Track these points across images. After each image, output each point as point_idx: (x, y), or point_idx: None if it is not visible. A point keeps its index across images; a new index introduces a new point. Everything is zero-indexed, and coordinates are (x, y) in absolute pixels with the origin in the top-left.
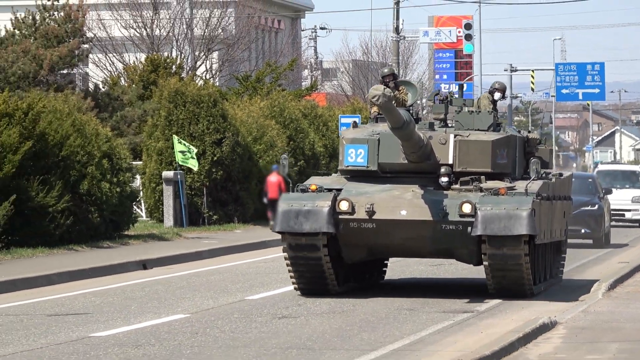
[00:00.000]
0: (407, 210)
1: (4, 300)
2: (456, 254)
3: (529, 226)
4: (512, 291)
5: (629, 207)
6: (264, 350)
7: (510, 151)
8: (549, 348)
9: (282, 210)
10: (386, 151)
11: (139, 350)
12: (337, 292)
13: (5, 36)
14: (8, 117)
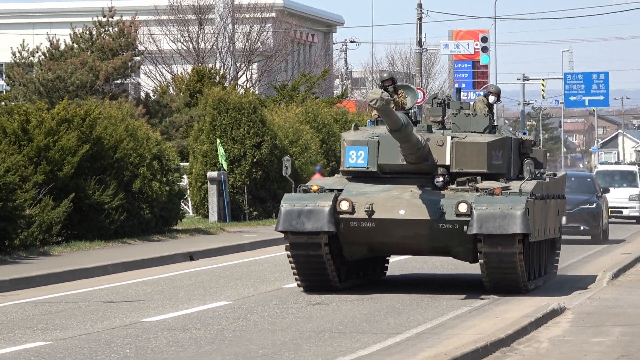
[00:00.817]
0: (406, 210)
1: (64, 288)
2: (453, 252)
3: (523, 225)
4: (507, 287)
5: (627, 204)
6: (299, 333)
7: (505, 152)
8: (558, 331)
9: (284, 210)
10: (385, 153)
11: (186, 334)
12: (339, 289)
13: (65, 49)
14: (67, 123)
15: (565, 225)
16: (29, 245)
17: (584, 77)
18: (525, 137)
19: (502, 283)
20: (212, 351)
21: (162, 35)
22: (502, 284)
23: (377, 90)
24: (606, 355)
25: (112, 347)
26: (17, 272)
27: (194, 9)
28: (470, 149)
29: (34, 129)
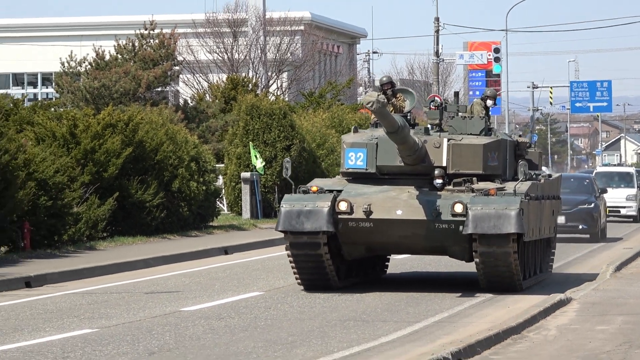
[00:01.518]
0: (403, 210)
1: (109, 280)
2: (449, 251)
3: (517, 225)
4: (502, 286)
5: (624, 204)
6: (326, 322)
7: (501, 154)
8: (565, 320)
9: (284, 210)
10: (384, 154)
11: (221, 322)
12: (339, 287)
13: (110, 60)
14: (112, 127)
15: (564, 224)
16: (76, 241)
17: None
18: (520, 139)
19: (497, 281)
20: (245, 338)
21: (199, 46)
22: (497, 283)
23: (373, 93)
24: (609, 342)
25: (153, 334)
26: (65, 265)
27: (228, 22)
28: (467, 151)
29: (81, 133)
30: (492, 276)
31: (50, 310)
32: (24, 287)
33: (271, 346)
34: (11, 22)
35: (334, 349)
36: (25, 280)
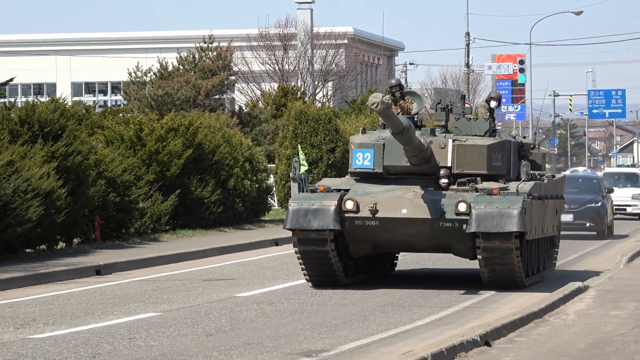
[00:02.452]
0: (408, 209)
1: (170, 268)
2: (453, 249)
3: (519, 224)
4: (504, 283)
5: (630, 202)
6: (367, 307)
7: (505, 154)
8: (582, 306)
9: (292, 209)
10: (390, 155)
11: (272, 306)
12: (346, 284)
13: (172, 70)
14: (174, 131)
15: (572, 222)
16: (142, 233)
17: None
18: (524, 141)
19: (500, 279)
20: (294, 321)
21: (253, 58)
22: (500, 280)
23: (377, 94)
24: (623, 326)
25: (211, 318)
26: (132, 255)
27: (279, 36)
28: (471, 151)
29: (147, 136)
30: (495, 273)
31: (118, 295)
32: (95, 275)
33: (317, 328)
34: (84, 36)
35: (373, 332)
36: (95, 268)
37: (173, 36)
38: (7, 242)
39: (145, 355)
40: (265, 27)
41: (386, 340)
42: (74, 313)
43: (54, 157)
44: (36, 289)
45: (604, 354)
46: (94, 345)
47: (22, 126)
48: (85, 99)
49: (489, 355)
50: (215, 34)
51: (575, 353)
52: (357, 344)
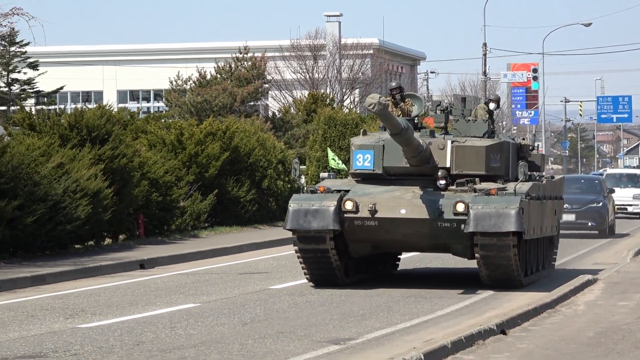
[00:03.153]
0: (407, 209)
1: (209, 263)
2: (452, 249)
3: (516, 224)
4: (503, 282)
5: (631, 202)
6: (391, 298)
7: (503, 156)
8: (592, 297)
9: (292, 209)
10: (390, 156)
11: (303, 298)
12: (346, 283)
13: (210, 79)
14: (212, 135)
15: (574, 221)
16: (182, 230)
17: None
18: (523, 142)
19: (498, 278)
20: (323, 311)
21: (285, 67)
22: (498, 279)
23: (375, 95)
24: (629, 315)
25: (246, 308)
26: (173, 251)
27: (309, 47)
28: (470, 152)
29: (187, 140)
30: (493, 273)
31: (160, 288)
32: (139, 269)
33: (345, 318)
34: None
35: (397, 321)
36: (139, 262)
37: (211, 47)
38: (58, 239)
39: (186, 343)
40: (296, 39)
41: (409, 329)
42: (119, 304)
43: (101, 160)
44: (85, 281)
45: (611, 341)
46: (138, 334)
47: (71, 131)
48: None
49: (505, 343)
50: (250, 45)
51: (585, 340)
52: (383, 333)
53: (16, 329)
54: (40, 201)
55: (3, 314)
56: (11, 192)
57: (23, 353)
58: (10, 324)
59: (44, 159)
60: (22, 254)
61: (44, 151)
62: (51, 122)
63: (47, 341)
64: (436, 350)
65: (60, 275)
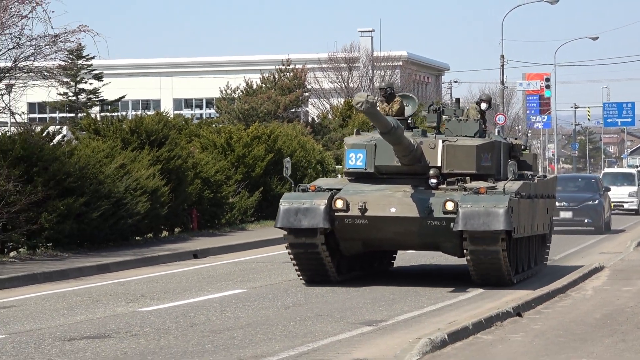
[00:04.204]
0: (397, 208)
1: (255, 253)
2: (442, 247)
3: (505, 222)
4: (492, 280)
5: (627, 199)
6: (419, 284)
7: (495, 155)
8: (598, 283)
9: (282, 208)
10: (382, 155)
11: (338, 284)
12: (338, 281)
13: (256, 88)
14: (258, 139)
15: (572, 219)
16: (231, 223)
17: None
18: (515, 142)
19: (488, 276)
20: (357, 296)
21: (323, 77)
22: (488, 277)
23: (362, 93)
24: (632, 299)
25: (288, 293)
26: (223, 242)
27: (345, 59)
28: (461, 152)
29: (235, 143)
30: (483, 271)
31: (211, 275)
32: (192, 258)
33: (377, 302)
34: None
35: (424, 305)
36: (193, 253)
37: (257, 60)
38: (120, 231)
39: (234, 324)
40: (333, 52)
41: (435, 312)
42: (175, 290)
43: (158, 161)
44: (144, 270)
45: (616, 322)
46: (191, 317)
47: (132, 135)
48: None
49: (521, 324)
50: (292, 58)
51: (593, 322)
52: (411, 315)
53: (83, 312)
54: (105, 198)
55: (71, 299)
56: (79, 190)
57: (89, 334)
58: (78, 308)
59: (108, 160)
60: (88, 245)
61: (107, 153)
62: (114, 127)
63: (110, 323)
64: (459, 330)
65: (122, 264)
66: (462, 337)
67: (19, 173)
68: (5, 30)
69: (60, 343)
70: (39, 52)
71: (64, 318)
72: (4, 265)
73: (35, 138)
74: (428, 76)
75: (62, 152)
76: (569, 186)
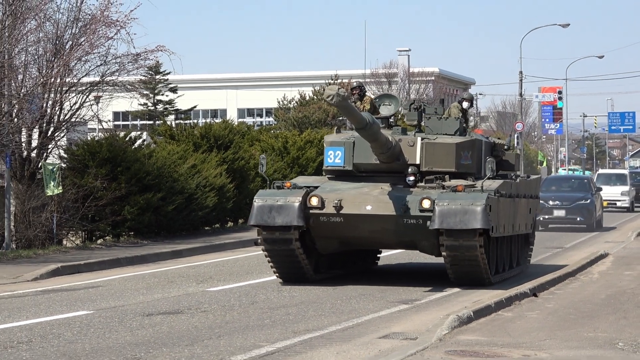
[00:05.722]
0: (372, 206)
1: None
2: (419, 246)
3: (482, 221)
4: (470, 280)
5: (619, 198)
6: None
7: (475, 153)
8: (603, 268)
9: (256, 205)
10: (360, 153)
11: (378, 268)
12: (315, 280)
13: (308, 100)
14: (310, 143)
15: (564, 217)
16: None
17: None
18: (497, 141)
19: (465, 276)
20: (394, 279)
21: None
22: (465, 277)
23: (333, 86)
24: (633, 282)
25: (337, 275)
26: None
27: (385, 74)
28: (440, 149)
29: (290, 146)
30: (460, 270)
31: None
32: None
33: (412, 284)
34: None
35: (454, 285)
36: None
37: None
38: (192, 222)
39: (289, 302)
40: (375, 68)
41: (462, 292)
42: (238, 272)
43: (224, 162)
44: (212, 255)
45: (619, 302)
46: (252, 295)
47: (202, 140)
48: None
49: (536, 303)
50: (339, 73)
51: (599, 301)
52: (441, 295)
53: (159, 292)
54: (178, 193)
55: (150, 280)
56: (156, 186)
57: (165, 310)
58: (155, 288)
59: (181, 161)
60: (164, 234)
61: (181, 155)
62: (187, 133)
63: (183, 301)
64: (482, 308)
65: (193, 250)
66: (486, 314)
67: (105, 172)
68: (94, 50)
69: (140, 318)
70: (122, 68)
71: (143, 296)
72: (92, 251)
73: (119, 142)
74: (457, 89)
75: (142, 154)
76: (563, 186)
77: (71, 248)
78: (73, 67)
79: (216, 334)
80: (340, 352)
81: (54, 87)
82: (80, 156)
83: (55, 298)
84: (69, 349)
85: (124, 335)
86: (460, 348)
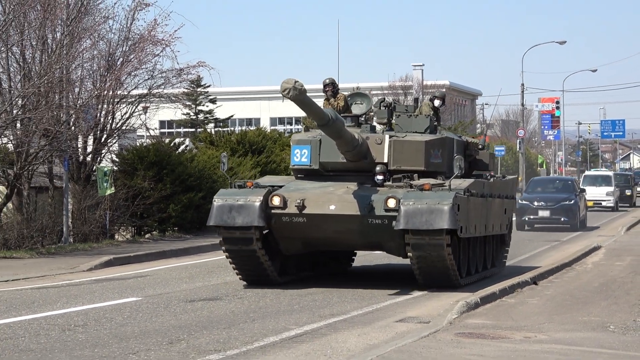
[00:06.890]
0: (336, 205)
1: None
2: (385, 247)
3: (449, 220)
4: (438, 282)
5: (604, 198)
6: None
7: (445, 152)
8: (596, 259)
9: (216, 204)
10: (327, 151)
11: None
12: (279, 282)
13: None
14: None
15: (549, 217)
16: None
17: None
18: (471, 140)
19: (433, 278)
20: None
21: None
22: (433, 279)
23: (290, 79)
24: (623, 271)
25: (355, 267)
26: None
27: (401, 87)
28: (409, 147)
29: None
30: (427, 272)
31: None
32: None
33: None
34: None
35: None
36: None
37: None
38: None
39: (316, 290)
40: (392, 81)
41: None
42: None
43: (258, 165)
44: None
45: (610, 289)
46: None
47: (238, 145)
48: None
49: (536, 290)
50: (361, 86)
51: (592, 289)
52: None
53: (200, 280)
54: None
55: (192, 270)
56: (197, 187)
57: (205, 297)
58: (197, 277)
59: (220, 165)
60: (205, 229)
61: (219, 159)
62: (225, 139)
63: (221, 289)
64: (488, 295)
65: None
66: (491, 300)
67: (152, 174)
68: (142, 66)
69: (183, 304)
70: (167, 82)
71: (186, 284)
72: (140, 244)
73: (165, 147)
74: (465, 100)
75: (185, 158)
76: (548, 187)
77: (122, 242)
78: (124, 81)
79: (251, 318)
80: (362, 334)
81: (106, 98)
82: (130, 160)
83: (108, 286)
84: (119, 331)
85: (169, 319)
86: (468, 330)
